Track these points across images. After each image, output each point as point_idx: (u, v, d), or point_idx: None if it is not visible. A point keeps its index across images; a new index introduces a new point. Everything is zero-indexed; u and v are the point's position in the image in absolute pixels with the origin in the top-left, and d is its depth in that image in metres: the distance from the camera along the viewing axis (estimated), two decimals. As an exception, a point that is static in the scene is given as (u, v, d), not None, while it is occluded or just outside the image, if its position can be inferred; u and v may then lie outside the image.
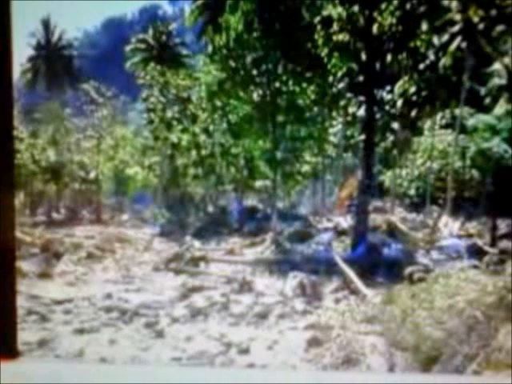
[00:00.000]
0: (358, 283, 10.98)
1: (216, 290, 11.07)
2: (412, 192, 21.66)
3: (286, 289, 10.92)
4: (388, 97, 19.31)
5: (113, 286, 11.38)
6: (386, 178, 22.56)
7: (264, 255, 13.94)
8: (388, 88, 19.13)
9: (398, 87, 19.91)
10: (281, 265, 12.63)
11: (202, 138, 22.51)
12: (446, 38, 20.11)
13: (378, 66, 15.75)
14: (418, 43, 16.57)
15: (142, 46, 35.61)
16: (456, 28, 20.05)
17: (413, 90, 19.89)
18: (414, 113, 20.78)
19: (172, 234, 17.39)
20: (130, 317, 9.28)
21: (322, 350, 8.39)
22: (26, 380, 1.24)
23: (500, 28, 18.61)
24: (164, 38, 36.23)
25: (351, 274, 11.34)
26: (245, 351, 8.12)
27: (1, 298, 1.22)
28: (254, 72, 18.76)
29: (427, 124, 22.15)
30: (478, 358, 7.78)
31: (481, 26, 19.17)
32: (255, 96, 18.73)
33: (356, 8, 15.34)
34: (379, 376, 1.77)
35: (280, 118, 18.62)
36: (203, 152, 22.43)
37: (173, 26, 38.33)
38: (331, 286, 11.16)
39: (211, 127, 22.16)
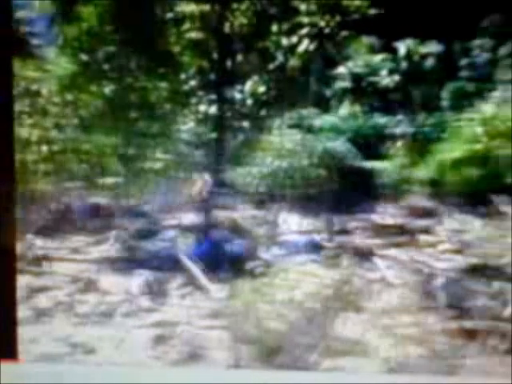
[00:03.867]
0: (203, 279, 11.26)
1: (61, 290, 10.95)
2: (261, 190, 22.13)
3: (132, 287, 11.00)
4: (238, 96, 19.71)
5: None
6: (236, 175, 22.89)
7: (109, 253, 13.83)
8: (239, 87, 19.53)
9: (248, 87, 20.36)
10: (126, 263, 12.66)
11: (53, 133, 21.91)
12: (294, 40, 20.77)
13: (229, 64, 16.08)
14: (268, 44, 17.07)
15: (-11, 35, 34.10)
16: (304, 31, 20.75)
17: (262, 89, 20.41)
18: (263, 112, 21.28)
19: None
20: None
21: (168, 346, 8.56)
22: (26, 381, 1.29)
23: (345, 33, 19.50)
24: (13, 26, 34.87)
25: (196, 270, 11.60)
26: (91, 351, 8.16)
27: (1, 301, 1.27)
28: (107, 67, 18.52)
29: (276, 123, 22.69)
30: (317, 348, 8.26)
31: (327, 31, 19.96)
32: (107, 91, 18.50)
33: (208, 6, 15.58)
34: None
35: (132, 115, 18.51)
36: (54, 148, 21.84)
37: (22, 14, 36.93)
38: (176, 283, 11.35)
39: (63, 122, 21.61)
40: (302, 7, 20.02)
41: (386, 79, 20.67)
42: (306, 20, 20.46)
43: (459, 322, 9.92)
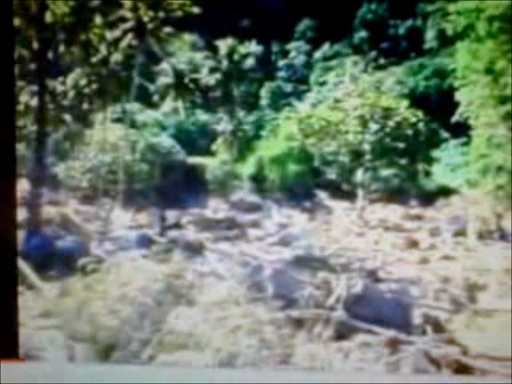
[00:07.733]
0: (33, 277, 10.92)
1: None
2: (85, 184, 21.61)
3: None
4: (60, 88, 19.11)
5: None
6: (59, 170, 22.17)
7: None
8: (61, 79, 18.94)
9: (70, 79, 19.80)
10: (-49, 262, 11.97)
11: None
12: (118, 33, 20.49)
13: (50, 55, 15.59)
14: (91, 36, 16.72)
15: None
16: (128, 25, 20.54)
17: (84, 82, 19.94)
18: (85, 105, 20.81)
19: None
20: None
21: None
22: (26, 381, 1.26)
23: (168, 30, 19.60)
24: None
25: (26, 268, 11.22)
26: None
27: (2, 300, 1.22)
28: None
29: (99, 117, 22.25)
30: (151, 342, 8.33)
31: (150, 26, 19.93)
32: None
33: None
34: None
35: None
36: None
37: None
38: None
39: None
40: (126, 1, 19.85)
41: (207, 77, 21.00)
42: (129, 14, 20.29)
43: (287, 311, 10.38)
